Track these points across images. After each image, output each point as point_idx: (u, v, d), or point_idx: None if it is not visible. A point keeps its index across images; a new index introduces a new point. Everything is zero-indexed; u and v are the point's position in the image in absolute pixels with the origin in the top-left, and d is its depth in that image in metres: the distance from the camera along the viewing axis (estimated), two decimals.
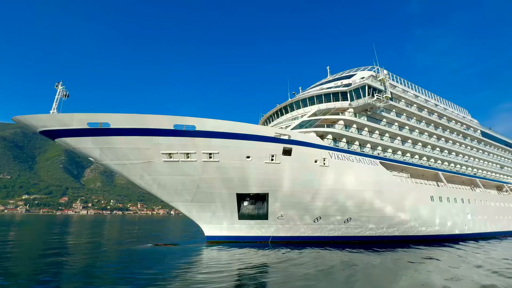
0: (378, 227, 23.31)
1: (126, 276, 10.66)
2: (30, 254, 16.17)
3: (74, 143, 18.88)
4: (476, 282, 10.10)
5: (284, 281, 10.05)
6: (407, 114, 30.71)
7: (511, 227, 35.21)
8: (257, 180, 20.25)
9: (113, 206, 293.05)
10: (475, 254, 18.62)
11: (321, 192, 21.15)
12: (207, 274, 10.98)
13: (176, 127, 18.44)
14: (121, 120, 17.94)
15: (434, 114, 34.14)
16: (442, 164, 32.27)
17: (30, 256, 15.51)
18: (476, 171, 37.03)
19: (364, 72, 29.17)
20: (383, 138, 27.16)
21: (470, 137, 38.71)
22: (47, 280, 9.79)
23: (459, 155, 35.46)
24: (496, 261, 15.66)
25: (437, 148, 32.56)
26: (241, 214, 21.69)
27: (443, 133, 34.13)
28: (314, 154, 20.97)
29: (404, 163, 27.34)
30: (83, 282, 9.84)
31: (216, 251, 17.58)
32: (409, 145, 29.26)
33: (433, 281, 10.23)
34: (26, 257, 14.90)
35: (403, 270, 12.91)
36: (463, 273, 12.04)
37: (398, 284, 10.13)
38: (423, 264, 14.24)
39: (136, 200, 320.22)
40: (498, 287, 9.36)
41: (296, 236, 22.58)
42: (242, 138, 19.33)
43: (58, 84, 19.38)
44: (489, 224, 31.92)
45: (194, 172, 19.60)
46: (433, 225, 25.52)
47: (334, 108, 25.61)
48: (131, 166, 19.54)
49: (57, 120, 18.05)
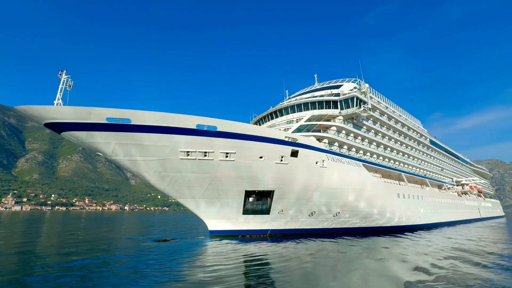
0: (361, 220, 27.20)
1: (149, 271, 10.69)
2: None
3: (86, 137, 18.28)
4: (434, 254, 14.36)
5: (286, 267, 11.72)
6: (380, 123, 35.60)
7: (450, 219, 43.33)
8: (266, 179, 22.11)
9: (54, 201, 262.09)
10: (428, 238, 23.51)
11: (319, 190, 23.98)
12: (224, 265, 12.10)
13: (199, 127, 19.21)
14: (145, 117, 18.04)
15: (398, 124, 40.00)
16: (403, 166, 38.19)
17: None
18: (426, 172, 44.45)
19: (349, 84, 32.96)
20: (363, 143, 31.30)
21: (422, 144, 46.17)
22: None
23: (415, 159, 42.19)
24: (437, 244, 20.19)
25: (400, 153, 38.39)
26: (245, 209, 23.31)
27: (405, 140, 40.25)
28: (315, 156, 23.66)
29: (378, 165, 31.94)
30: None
31: (222, 244, 18.90)
32: (381, 149, 34.13)
33: (408, 258, 14.10)
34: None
35: (382, 253, 16.11)
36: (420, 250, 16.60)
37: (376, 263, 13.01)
38: (396, 247, 18.40)
39: (83, 194, 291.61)
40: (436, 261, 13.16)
41: (292, 228, 25.09)
42: (257, 140, 20.95)
43: (61, 73, 18.46)
44: (435, 216, 38.97)
45: (209, 170, 20.57)
46: (400, 218, 30.55)
47: (326, 115, 28.68)
48: (146, 162, 19.65)
49: (72, 113, 17.31)
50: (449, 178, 54.07)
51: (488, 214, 66.31)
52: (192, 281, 9.49)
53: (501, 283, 9.12)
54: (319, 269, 11.55)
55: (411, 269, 11.31)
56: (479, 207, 60.05)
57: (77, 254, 14.96)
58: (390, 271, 11.32)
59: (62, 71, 18.58)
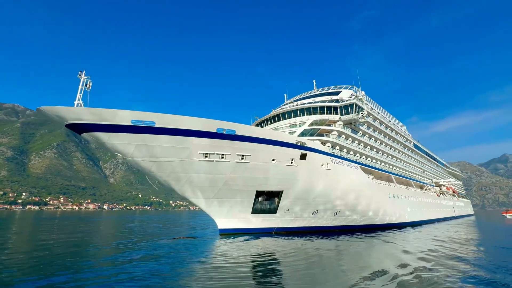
0: (359, 218, 29.33)
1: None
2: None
3: (108, 138, 18.62)
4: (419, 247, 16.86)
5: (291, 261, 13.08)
6: (373, 128, 38.14)
7: (431, 217, 47.12)
8: (277, 180, 23.46)
9: (26, 200, 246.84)
10: (415, 233, 26.10)
11: (324, 190, 25.69)
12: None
13: (219, 131, 20.13)
14: (169, 120, 18.69)
15: (388, 128, 42.92)
16: (393, 168, 41.12)
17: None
18: (411, 174, 47.96)
19: (347, 91, 35.11)
20: (359, 147, 33.54)
21: (408, 147, 49.72)
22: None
23: (402, 161, 45.43)
24: (422, 238, 22.79)
25: (390, 156, 41.29)
26: (254, 208, 24.53)
27: (393, 144, 43.28)
28: (321, 159, 25.34)
29: (372, 167, 34.36)
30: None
31: (231, 241, 19.93)
32: (374, 153, 36.64)
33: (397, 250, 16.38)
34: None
35: (381, 245, 18.35)
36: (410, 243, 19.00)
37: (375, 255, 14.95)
38: (392, 243, 20.30)
39: (58, 193, 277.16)
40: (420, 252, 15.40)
41: (296, 227, 26.65)
42: (271, 143, 22.23)
43: (81, 74, 18.70)
44: (419, 215, 42.33)
45: (225, 171, 21.56)
46: (391, 216, 33.14)
47: (327, 120, 30.52)
48: (164, 163, 20.26)
49: (97, 114, 17.63)
50: (429, 179, 58.42)
51: (461, 212, 72.26)
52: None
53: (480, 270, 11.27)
54: (328, 262, 12.98)
55: (416, 258, 13.47)
56: (454, 206, 65.36)
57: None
58: (399, 259, 13.34)
59: (82, 71, 18.78)
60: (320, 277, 10.09)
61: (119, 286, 8.67)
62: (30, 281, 9.25)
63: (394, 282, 9.12)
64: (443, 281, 9.35)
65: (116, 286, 8.67)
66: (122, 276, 9.88)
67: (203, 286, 8.78)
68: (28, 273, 10.32)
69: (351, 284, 8.96)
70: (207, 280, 9.47)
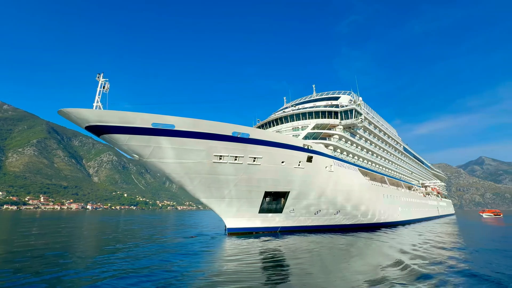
0: (358, 217, 31.04)
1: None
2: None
3: (127, 140, 19.06)
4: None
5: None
6: (368, 131, 40.15)
7: (419, 216, 49.97)
8: (286, 181, 24.61)
9: (3, 199, 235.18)
10: (407, 231, 28.15)
11: (327, 191, 27.13)
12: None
13: (234, 134, 21.01)
14: (187, 123, 19.37)
15: (381, 132, 45.20)
16: (386, 170, 43.38)
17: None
18: (401, 175, 50.61)
19: (346, 96, 36.86)
20: (357, 150, 35.35)
21: (398, 150, 52.40)
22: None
23: (394, 164, 47.92)
24: (409, 234, 24.87)
25: (383, 158, 43.55)
26: (261, 208, 25.56)
27: (386, 147, 45.61)
28: (325, 162, 26.75)
29: (368, 169, 36.28)
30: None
31: (240, 240, 21.01)
32: (370, 155, 38.63)
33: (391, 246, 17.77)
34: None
35: (380, 241, 19.95)
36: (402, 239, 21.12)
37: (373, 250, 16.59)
38: (390, 239, 22.12)
39: (37, 192, 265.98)
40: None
41: (299, 225, 27.93)
42: (282, 146, 23.35)
43: (99, 76, 19.08)
44: (409, 214, 44.89)
45: (237, 173, 22.45)
46: (385, 215, 35.18)
47: (329, 124, 32.06)
48: (180, 164, 20.89)
49: (119, 116, 18.07)
50: (416, 180, 61.66)
51: (444, 212, 76.63)
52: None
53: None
54: (332, 257, 14.29)
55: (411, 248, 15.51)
56: (438, 206, 69.29)
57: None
58: (397, 251, 15.02)
59: (100, 74, 19.14)
60: (336, 266, 11.48)
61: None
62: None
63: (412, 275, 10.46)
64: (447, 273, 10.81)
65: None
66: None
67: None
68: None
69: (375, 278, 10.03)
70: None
